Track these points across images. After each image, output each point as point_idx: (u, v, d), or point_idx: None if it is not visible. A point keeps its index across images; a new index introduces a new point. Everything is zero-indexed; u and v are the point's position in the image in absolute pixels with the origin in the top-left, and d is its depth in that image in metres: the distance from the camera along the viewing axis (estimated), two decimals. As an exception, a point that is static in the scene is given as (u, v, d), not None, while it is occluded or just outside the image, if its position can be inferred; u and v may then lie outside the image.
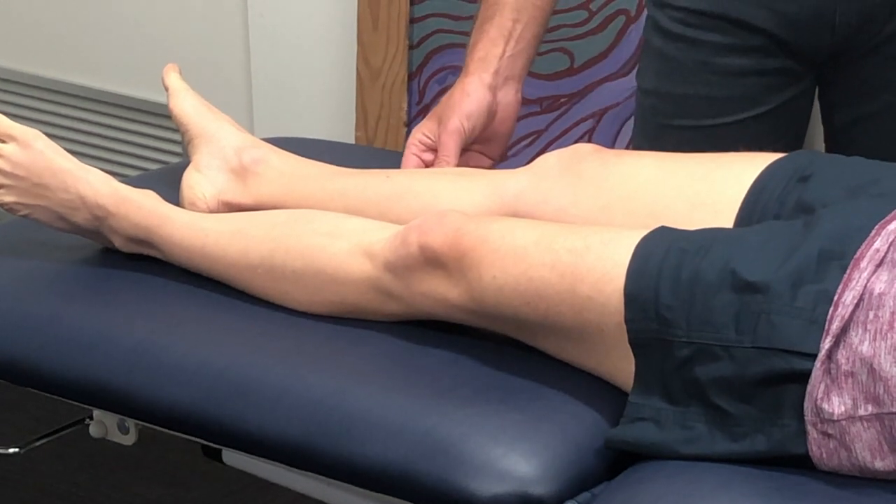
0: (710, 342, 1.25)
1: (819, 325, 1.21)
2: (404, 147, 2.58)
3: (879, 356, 1.19)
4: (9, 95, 3.20)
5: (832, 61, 1.78)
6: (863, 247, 1.24)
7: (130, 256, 1.63)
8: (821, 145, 1.91)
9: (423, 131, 1.76)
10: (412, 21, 2.56)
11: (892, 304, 1.20)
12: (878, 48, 1.75)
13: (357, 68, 2.61)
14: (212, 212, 1.69)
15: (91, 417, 1.66)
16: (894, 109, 1.76)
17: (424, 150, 1.75)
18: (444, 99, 1.77)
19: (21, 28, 3.15)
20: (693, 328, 1.26)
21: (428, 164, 1.74)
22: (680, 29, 1.79)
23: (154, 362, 1.45)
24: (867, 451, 1.20)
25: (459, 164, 1.74)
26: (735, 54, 1.77)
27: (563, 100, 2.50)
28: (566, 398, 1.36)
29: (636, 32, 2.43)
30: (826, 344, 1.20)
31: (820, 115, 1.89)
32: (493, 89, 1.76)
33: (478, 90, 1.75)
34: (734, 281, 1.25)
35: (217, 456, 1.65)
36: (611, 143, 2.47)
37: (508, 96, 1.78)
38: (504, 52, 1.76)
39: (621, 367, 1.32)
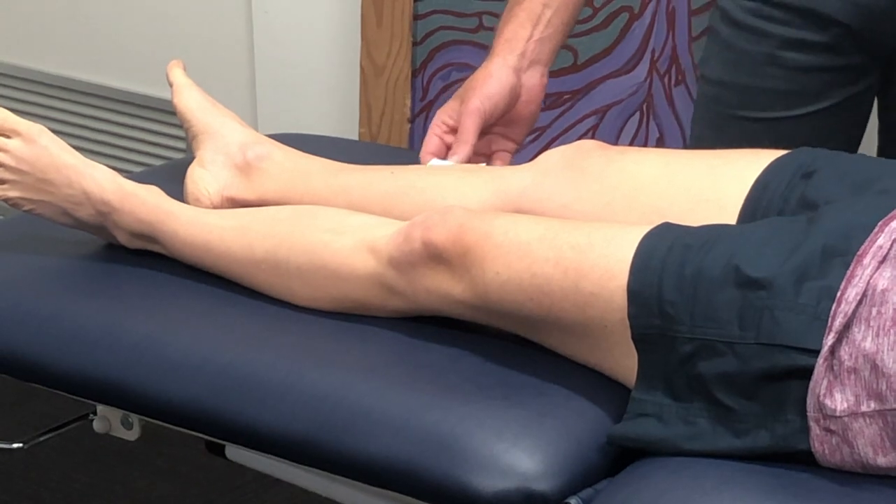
0: (714, 338, 1.25)
1: (822, 322, 1.21)
2: (408, 144, 2.60)
3: (882, 352, 1.19)
4: (13, 91, 3.21)
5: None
6: (866, 243, 1.24)
7: (134, 252, 1.64)
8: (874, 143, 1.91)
9: (446, 113, 1.75)
10: (416, 18, 2.56)
11: (894, 300, 1.20)
12: None
13: (361, 64, 2.61)
14: (216, 207, 1.69)
15: (94, 413, 1.66)
16: None
17: (446, 132, 1.75)
18: (468, 80, 1.76)
19: (25, 24, 3.16)
20: (696, 324, 1.26)
21: (449, 146, 1.74)
22: (750, 20, 1.78)
23: (158, 358, 1.46)
24: (869, 447, 1.21)
25: (481, 147, 1.74)
26: (802, 49, 1.76)
27: (566, 96, 2.50)
28: (569, 394, 1.36)
29: (639, 29, 2.43)
30: (829, 340, 1.20)
31: (876, 111, 1.88)
32: (518, 72, 1.75)
33: (501, 71, 1.75)
34: (737, 277, 1.25)
35: (220, 451, 1.66)
36: (614, 140, 2.47)
37: (533, 79, 1.77)
38: (531, 35, 1.76)
39: (624, 363, 1.32)
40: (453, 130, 1.74)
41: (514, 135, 1.79)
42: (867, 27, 1.74)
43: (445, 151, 1.74)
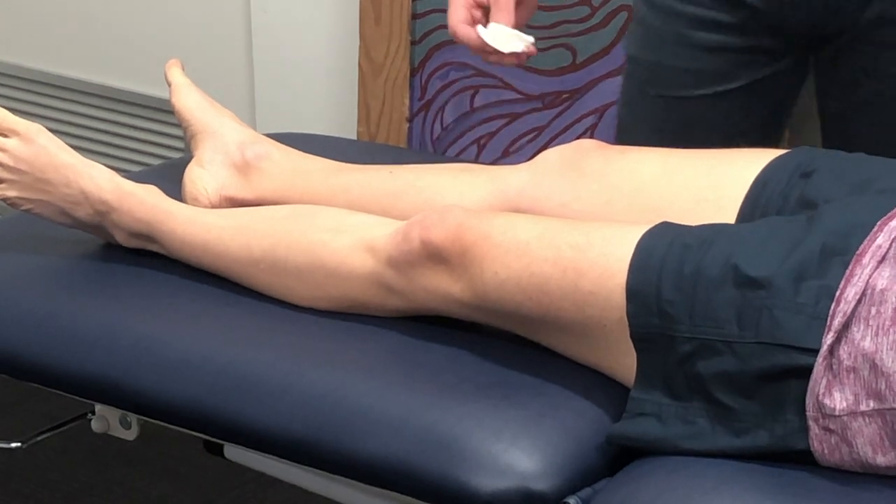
0: (713, 337, 1.25)
1: (821, 321, 1.21)
2: (406, 143, 2.59)
3: (881, 352, 1.19)
4: (11, 90, 3.20)
5: (820, 47, 1.79)
6: (865, 243, 1.24)
7: (133, 251, 1.63)
8: (811, 136, 1.92)
9: None
10: (414, 17, 2.55)
11: (894, 300, 1.20)
12: (862, 35, 1.75)
13: (359, 64, 2.61)
14: (214, 207, 1.69)
15: (93, 412, 1.66)
16: (883, 98, 1.76)
17: (473, 7, 1.74)
18: None
19: (23, 23, 3.15)
20: (695, 323, 1.26)
21: (476, 20, 1.73)
22: None
23: (156, 357, 1.46)
24: (868, 446, 1.21)
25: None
26: (710, 29, 1.78)
27: (565, 96, 2.50)
28: (568, 394, 1.36)
29: (639, 28, 2.43)
30: (828, 339, 1.20)
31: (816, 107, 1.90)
32: None
33: None
34: (736, 276, 1.25)
35: (219, 451, 1.65)
36: (613, 140, 2.47)
37: None
38: None
39: (623, 362, 1.32)
40: (478, 6, 1.73)
41: (520, 16, 1.79)
42: (774, 10, 1.75)
43: (473, 25, 1.74)
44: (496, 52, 1.72)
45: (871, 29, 1.72)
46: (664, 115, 1.81)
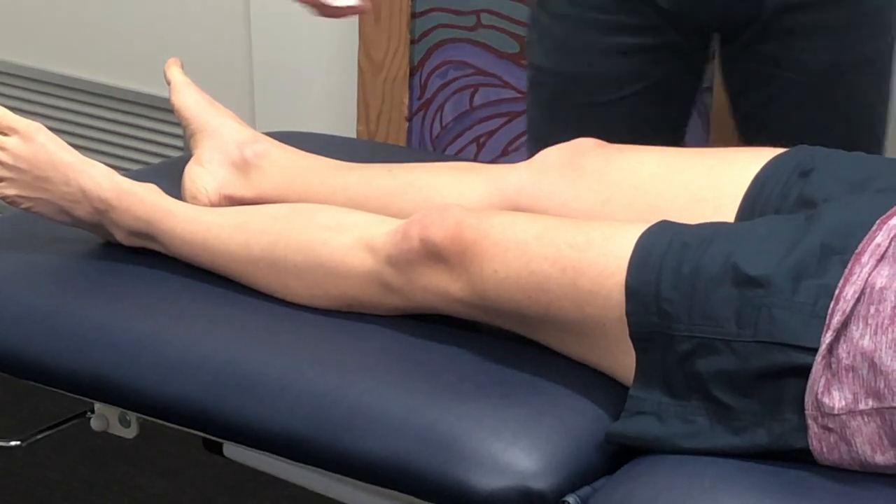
0: (712, 336, 1.25)
1: (820, 320, 1.21)
2: (406, 142, 2.59)
3: (880, 350, 1.19)
4: (11, 89, 3.20)
5: (729, 40, 1.81)
6: (864, 241, 1.24)
7: (132, 250, 1.63)
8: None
9: None
10: (414, 16, 2.55)
11: (892, 298, 1.20)
12: (768, 25, 1.76)
13: (359, 63, 2.61)
14: (213, 206, 1.69)
15: (92, 411, 1.65)
16: (792, 87, 1.78)
17: None
18: None
19: (24, 22, 3.15)
20: (694, 322, 1.26)
21: None
22: (565, 9, 1.82)
23: (156, 356, 1.46)
24: (867, 445, 1.21)
25: None
26: (619, 33, 1.79)
27: (564, 95, 2.50)
28: (567, 392, 1.36)
29: (638, 27, 2.42)
30: (827, 338, 1.20)
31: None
32: None
33: None
34: (735, 275, 1.25)
35: (218, 450, 1.65)
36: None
37: None
38: None
39: (622, 361, 1.32)
40: None
41: None
42: (677, 6, 1.76)
43: None
44: (327, 6, 1.72)
45: (777, 17, 1.74)
46: (579, 121, 1.81)
